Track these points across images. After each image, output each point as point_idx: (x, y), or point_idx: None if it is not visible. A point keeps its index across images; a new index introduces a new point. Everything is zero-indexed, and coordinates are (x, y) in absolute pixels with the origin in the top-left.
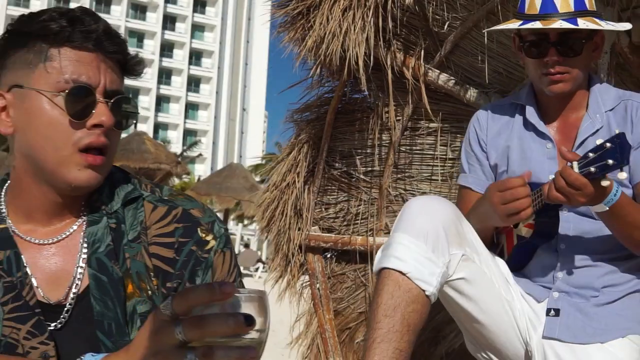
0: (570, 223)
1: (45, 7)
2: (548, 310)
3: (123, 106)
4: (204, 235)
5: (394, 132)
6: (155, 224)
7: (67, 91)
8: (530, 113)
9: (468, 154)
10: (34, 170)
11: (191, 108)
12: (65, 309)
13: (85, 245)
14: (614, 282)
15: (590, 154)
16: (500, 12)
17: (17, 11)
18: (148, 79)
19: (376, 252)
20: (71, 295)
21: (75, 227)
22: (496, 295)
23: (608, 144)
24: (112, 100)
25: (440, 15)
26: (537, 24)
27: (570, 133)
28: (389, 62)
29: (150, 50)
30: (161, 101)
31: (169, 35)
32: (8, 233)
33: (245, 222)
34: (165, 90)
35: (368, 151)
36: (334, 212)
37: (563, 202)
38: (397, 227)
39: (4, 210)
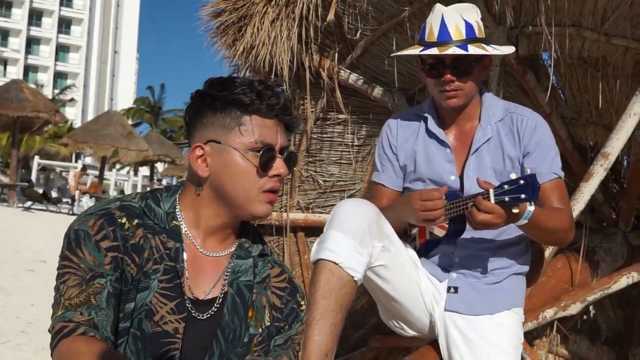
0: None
1: (26, 17)
2: (448, 289)
3: (291, 157)
4: (300, 300)
5: (309, 121)
6: (274, 278)
7: (258, 150)
8: (432, 124)
9: (381, 156)
10: (218, 201)
11: (62, 50)
12: (211, 309)
13: (229, 270)
14: (500, 266)
15: (506, 186)
16: (408, 25)
17: None
18: (18, 20)
19: (289, 226)
20: (217, 303)
21: (226, 253)
22: (407, 278)
23: (522, 181)
24: (284, 156)
25: (354, 25)
26: (434, 50)
27: (465, 140)
28: (307, 64)
29: None
30: (31, 43)
31: None
32: (180, 230)
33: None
34: (35, 31)
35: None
36: None
37: (486, 228)
38: (330, 226)
39: (179, 212)
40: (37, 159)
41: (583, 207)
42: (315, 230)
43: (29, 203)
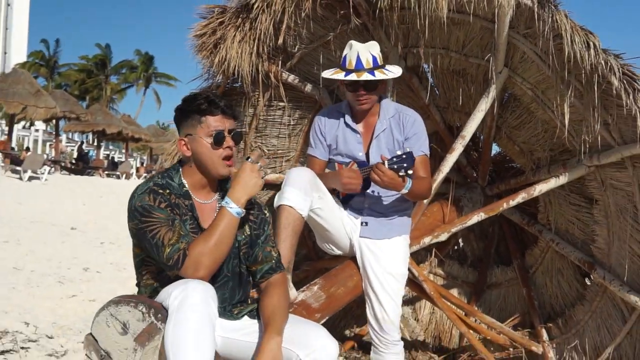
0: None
1: None
2: (362, 223)
3: (236, 135)
4: (265, 211)
5: (258, 107)
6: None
7: (211, 135)
8: (348, 118)
9: (314, 137)
10: (200, 169)
11: None
12: None
13: (218, 206)
14: (393, 209)
15: (394, 159)
16: (333, 43)
17: None
18: None
19: None
20: None
21: (213, 199)
22: (335, 215)
23: (404, 155)
24: (232, 134)
25: (294, 42)
26: (353, 76)
27: (369, 129)
28: (260, 69)
29: None
30: None
31: None
32: (189, 193)
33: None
34: None
35: (240, 119)
36: None
37: (380, 184)
38: (286, 183)
39: (184, 182)
40: None
41: (448, 170)
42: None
43: None
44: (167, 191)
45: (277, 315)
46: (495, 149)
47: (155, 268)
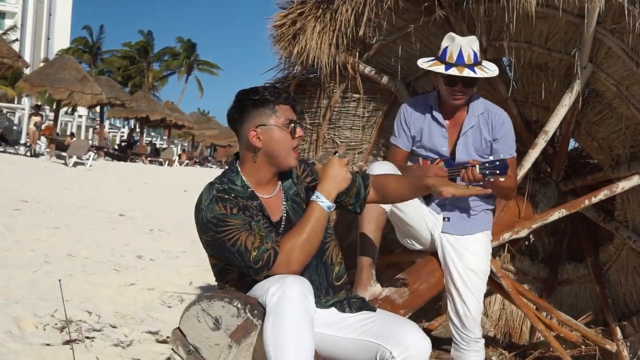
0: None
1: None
2: (444, 218)
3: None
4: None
5: (333, 98)
6: (301, 174)
7: (288, 125)
8: (436, 113)
9: (398, 126)
10: (268, 161)
11: None
12: (282, 222)
13: (283, 193)
14: (476, 205)
15: (487, 164)
16: (413, 35)
17: None
18: None
19: None
20: (284, 216)
21: (278, 187)
22: (417, 210)
23: (497, 162)
24: (295, 125)
25: (372, 33)
26: (454, 71)
27: (456, 125)
28: (337, 60)
29: None
30: None
31: None
32: (254, 193)
33: (75, 111)
34: None
35: (313, 110)
36: None
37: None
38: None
39: (247, 182)
40: None
41: (530, 165)
42: None
43: None
44: (233, 195)
45: (407, 181)
46: (570, 144)
47: (236, 275)
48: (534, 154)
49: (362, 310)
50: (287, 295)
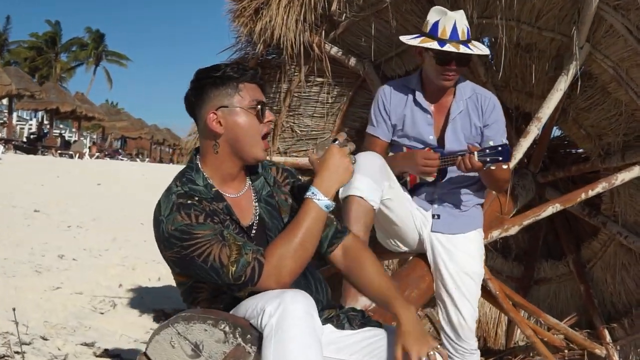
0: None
1: None
2: (433, 216)
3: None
4: (297, 176)
5: (294, 82)
6: (277, 175)
7: (254, 106)
8: (419, 96)
9: (376, 114)
10: (231, 151)
11: None
12: (254, 226)
13: (254, 194)
14: (467, 200)
15: (488, 150)
16: (389, 12)
17: None
18: None
19: None
20: (256, 220)
21: (247, 185)
22: (404, 207)
23: (500, 147)
24: (264, 107)
25: (342, 10)
26: (451, 47)
27: (442, 110)
28: (302, 39)
29: None
30: None
31: None
32: (221, 194)
33: None
34: None
35: (271, 95)
36: None
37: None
38: (355, 171)
39: (209, 179)
40: None
41: (522, 155)
42: None
43: None
44: (197, 199)
45: (385, 282)
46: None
47: (209, 293)
48: (525, 143)
49: (365, 327)
50: (290, 314)
